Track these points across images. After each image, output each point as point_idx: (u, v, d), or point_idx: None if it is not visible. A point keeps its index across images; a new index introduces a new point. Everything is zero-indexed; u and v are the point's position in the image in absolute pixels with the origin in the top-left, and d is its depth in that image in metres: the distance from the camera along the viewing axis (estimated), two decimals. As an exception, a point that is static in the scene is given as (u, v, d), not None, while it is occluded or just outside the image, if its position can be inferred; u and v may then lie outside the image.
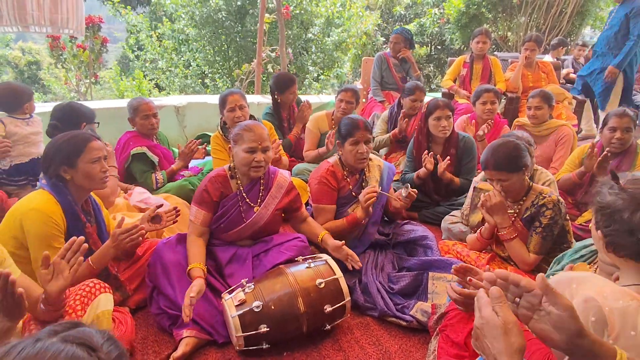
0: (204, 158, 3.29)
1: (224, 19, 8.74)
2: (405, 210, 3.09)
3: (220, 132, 3.03)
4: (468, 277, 1.44)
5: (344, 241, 2.09)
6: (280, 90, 3.58)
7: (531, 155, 2.27)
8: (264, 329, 1.70)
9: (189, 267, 1.90)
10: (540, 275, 0.84)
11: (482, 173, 2.90)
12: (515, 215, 2.10)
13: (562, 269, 1.49)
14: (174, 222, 2.08)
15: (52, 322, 1.49)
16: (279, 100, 3.63)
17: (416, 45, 10.31)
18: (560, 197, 2.02)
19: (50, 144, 1.79)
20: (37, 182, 1.86)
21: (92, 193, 1.96)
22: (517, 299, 0.89)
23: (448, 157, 2.91)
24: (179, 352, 1.71)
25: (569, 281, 1.01)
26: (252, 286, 1.80)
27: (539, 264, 2.05)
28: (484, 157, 2.07)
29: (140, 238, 1.78)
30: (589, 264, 1.45)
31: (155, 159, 2.91)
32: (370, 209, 2.24)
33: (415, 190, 2.33)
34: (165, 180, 2.93)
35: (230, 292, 1.82)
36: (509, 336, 0.79)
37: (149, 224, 1.98)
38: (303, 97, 4.03)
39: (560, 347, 0.83)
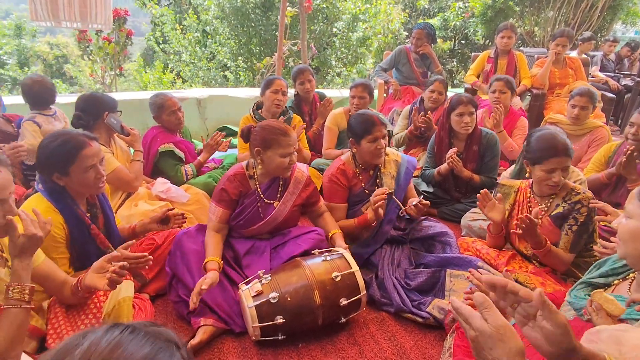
0: (226, 151, 3.34)
1: (250, 11, 8.76)
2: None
3: (252, 114, 3.06)
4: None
5: (347, 246, 2.08)
6: (292, 80, 3.68)
7: None
8: (279, 320, 1.72)
9: (205, 261, 1.92)
10: (538, 289, 0.84)
11: (508, 170, 2.84)
12: (545, 211, 2.05)
13: (599, 276, 1.43)
14: (179, 227, 2.10)
15: (76, 305, 1.56)
16: (296, 92, 3.69)
17: (439, 40, 10.14)
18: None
19: (41, 148, 1.67)
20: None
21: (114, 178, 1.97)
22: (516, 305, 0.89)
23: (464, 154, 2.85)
24: (196, 339, 1.74)
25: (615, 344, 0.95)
26: (269, 277, 1.81)
27: (568, 268, 2.01)
28: (545, 144, 1.97)
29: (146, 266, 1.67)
30: (624, 278, 1.38)
31: (182, 154, 2.93)
32: (381, 210, 2.16)
33: (427, 202, 2.22)
34: (194, 172, 2.94)
35: (247, 283, 1.84)
36: (505, 342, 0.78)
37: (157, 225, 2.02)
38: (326, 92, 4.03)
39: (550, 358, 0.84)
